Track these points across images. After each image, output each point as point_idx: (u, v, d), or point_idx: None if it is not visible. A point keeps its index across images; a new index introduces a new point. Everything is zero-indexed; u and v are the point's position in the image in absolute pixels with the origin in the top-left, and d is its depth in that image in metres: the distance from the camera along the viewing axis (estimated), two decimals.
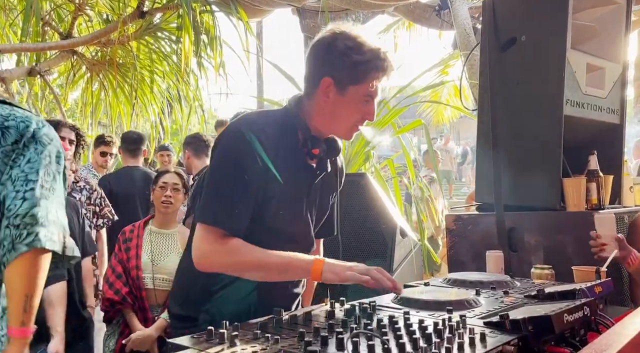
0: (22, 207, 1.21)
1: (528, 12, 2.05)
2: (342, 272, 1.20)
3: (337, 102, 1.30)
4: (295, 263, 1.24)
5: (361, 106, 1.30)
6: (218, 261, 1.24)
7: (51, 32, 4.40)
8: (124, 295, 2.20)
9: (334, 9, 4.23)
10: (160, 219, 2.41)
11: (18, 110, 1.32)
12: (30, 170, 1.25)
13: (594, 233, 1.68)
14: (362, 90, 1.28)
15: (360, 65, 1.26)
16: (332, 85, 1.29)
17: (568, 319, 0.98)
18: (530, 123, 2.01)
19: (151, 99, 4.81)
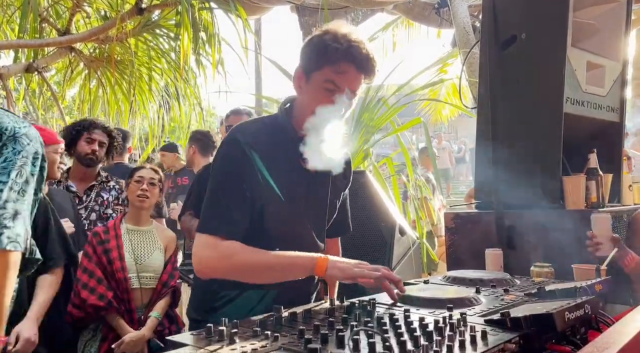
0: None
1: (528, 10, 2.04)
2: (348, 268, 1.20)
3: (306, 92, 1.30)
4: (298, 261, 1.23)
5: (324, 95, 1.26)
6: (218, 266, 1.23)
7: (49, 29, 4.37)
8: (110, 299, 2.09)
9: (333, 6, 4.22)
10: (135, 215, 2.30)
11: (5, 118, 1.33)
12: (2, 171, 1.26)
13: (590, 233, 1.68)
14: (322, 75, 1.25)
15: (317, 48, 1.25)
16: (302, 75, 1.30)
17: (569, 317, 0.98)
18: (530, 121, 2.00)
19: (149, 96, 4.80)
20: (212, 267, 1.24)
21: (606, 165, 2.00)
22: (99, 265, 2.15)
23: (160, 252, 2.28)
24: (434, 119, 8.66)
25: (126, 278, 2.16)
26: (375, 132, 3.50)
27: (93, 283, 2.11)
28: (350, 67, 1.25)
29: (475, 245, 1.99)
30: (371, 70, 1.27)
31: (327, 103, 1.26)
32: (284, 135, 1.33)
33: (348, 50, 1.23)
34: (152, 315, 2.16)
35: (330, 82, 1.25)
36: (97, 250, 2.17)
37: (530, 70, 2.01)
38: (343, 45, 1.23)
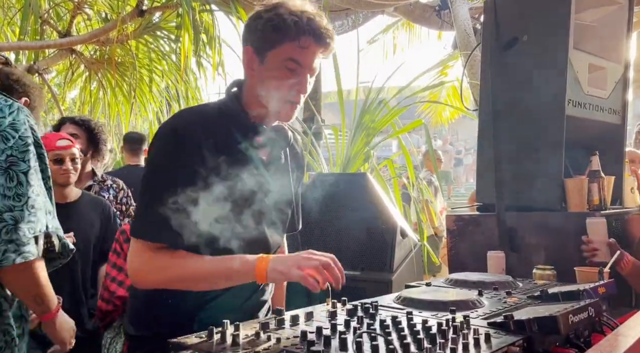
0: None
1: (530, 12, 2.04)
2: (288, 270, 1.05)
3: (261, 73, 1.17)
4: (237, 267, 1.10)
5: (286, 74, 1.15)
6: (153, 277, 1.13)
7: (50, 31, 4.38)
8: None
9: (334, 8, 4.22)
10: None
11: None
12: None
13: (586, 238, 1.68)
14: (281, 53, 1.14)
15: (273, 23, 1.13)
16: (253, 55, 1.17)
17: (573, 320, 0.97)
18: (531, 123, 2.00)
19: (150, 98, 4.80)
20: (149, 278, 1.14)
21: (608, 168, 2.00)
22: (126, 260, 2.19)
23: None
24: (435, 121, 8.67)
25: None
26: (376, 134, 3.50)
27: (122, 277, 2.13)
28: (311, 42, 1.14)
29: (478, 248, 1.98)
30: (330, 43, 1.17)
31: (290, 83, 1.15)
32: (234, 121, 1.19)
33: (308, 23, 1.13)
34: None
35: (292, 61, 1.15)
36: (124, 247, 2.19)
37: (531, 72, 2.01)
38: (302, 18, 1.13)
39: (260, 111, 1.20)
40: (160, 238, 1.11)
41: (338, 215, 2.38)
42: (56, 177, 2.20)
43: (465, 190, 13.00)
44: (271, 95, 1.16)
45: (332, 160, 3.53)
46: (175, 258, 1.12)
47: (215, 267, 1.12)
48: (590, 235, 1.68)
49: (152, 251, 1.12)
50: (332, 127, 3.78)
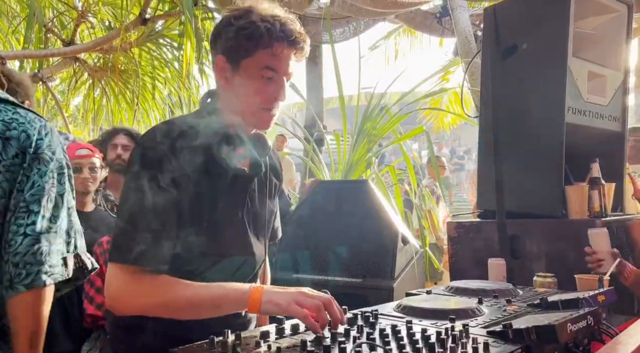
0: (23, 244, 1.15)
1: (529, 20, 2.06)
2: (287, 305, 0.98)
3: (235, 83, 1.12)
4: (230, 295, 1.03)
5: (262, 83, 1.11)
6: (135, 303, 1.05)
7: (54, 39, 4.42)
8: None
9: (336, 16, 4.25)
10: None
11: (21, 113, 1.24)
12: (32, 199, 1.18)
13: (589, 250, 1.67)
14: (255, 62, 1.10)
15: (245, 31, 1.09)
16: (225, 63, 1.12)
17: (572, 329, 0.97)
18: (532, 130, 2.01)
19: (152, 105, 4.84)
20: (131, 304, 1.06)
21: (609, 175, 2.00)
22: (100, 275, 2.15)
23: None
24: (436, 127, 8.68)
25: None
26: (378, 140, 3.51)
27: (92, 293, 2.10)
28: (284, 48, 1.11)
29: (479, 255, 1.98)
30: (304, 47, 1.14)
31: (268, 92, 1.13)
32: (212, 132, 1.13)
33: (282, 29, 1.10)
34: None
35: (267, 69, 1.11)
36: (99, 260, 2.17)
37: (531, 80, 2.02)
38: (274, 24, 1.09)
39: (237, 120, 1.16)
40: (141, 262, 1.03)
41: (339, 222, 2.38)
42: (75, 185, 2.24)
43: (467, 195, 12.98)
44: (249, 104, 1.13)
45: (334, 167, 3.55)
46: (158, 282, 1.05)
47: (201, 294, 1.04)
48: (592, 246, 1.67)
49: (133, 275, 1.04)
50: (334, 133, 3.80)
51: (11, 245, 1.14)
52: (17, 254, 1.14)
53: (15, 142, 1.18)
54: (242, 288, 1.04)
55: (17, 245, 1.15)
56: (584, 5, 2.00)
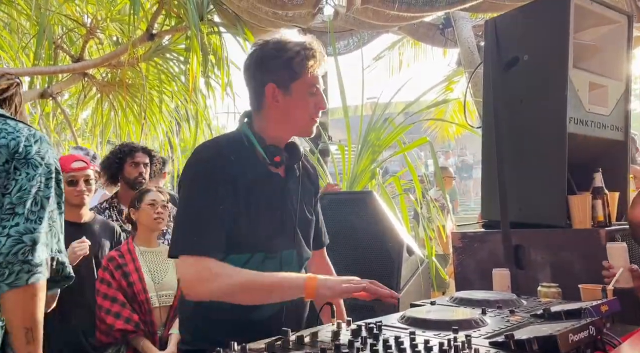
0: (6, 245, 1.21)
1: (529, 32, 2.08)
2: (336, 286, 1.21)
3: (287, 103, 1.34)
4: (287, 281, 1.24)
5: (310, 98, 1.35)
6: (207, 288, 1.22)
7: (63, 55, 4.50)
8: (137, 322, 2.12)
9: (339, 29, 4.30)
10: (147, 237, 2.34)
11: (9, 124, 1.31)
12: (18, 201, 1.25)
13: (606, 264, 1.67)
14: (304, 83, 1.33)
15: (292, 60, 1.31)
16: (276, 89, 1.34)
17: (573, 339, 0.99)
18: (534, 141, 2.02)
19: (160, 118, 4.89)
20: (204, 290, 1.23)
21: (612, 184, 2.01)
22: (119, 289, 2.18)
23: (175, 270, 2.31)
24: (441, 137, 8.70)
25: (148, 299, 2.19)
26: (382, 151, 3.54)
27: (117, 308, 2.13)
28: (319, 66, 1.35)
29: (483, 265, 1.99)
30: (326, 61, 1.38)
31: (316, 104, 1.36)
32: (250, 147, 1.35)
33: (314, 53, 1.33)
34: (174, 332, 2.17)
35: (313, 86, 1.35)
36: (116, 275, 2.19)
37: (533, 91, 2.04)
38: (310, 50, 1.33)
39: (280, 134, 1.38)
40: (205, 251, 1.23)
41: (344, 232, 2.40)
42: (70, 197, 2.25)
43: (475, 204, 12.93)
44: (301, 118, 1.36)
45: (339, 177, 3.57)
46: (230, 268, 1.23)
47: (267, 278, 1.23)
48: (610, 260, 1.66)
49: (203, 264, 1.22)
50: (339, 145, 3.83)
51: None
52: (0, 254, 1.20)
53: (5, 149, 1.26)
54: (297, 276, 1.25)
55: (1, 245, 1.21)
56: (584, 16, 2.02)
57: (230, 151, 1.33)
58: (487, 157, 2.18)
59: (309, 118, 1.37)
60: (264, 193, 1.34)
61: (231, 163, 1.30)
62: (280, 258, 1.35)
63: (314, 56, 1.33)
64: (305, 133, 1.41)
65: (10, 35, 4.45)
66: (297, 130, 1.40)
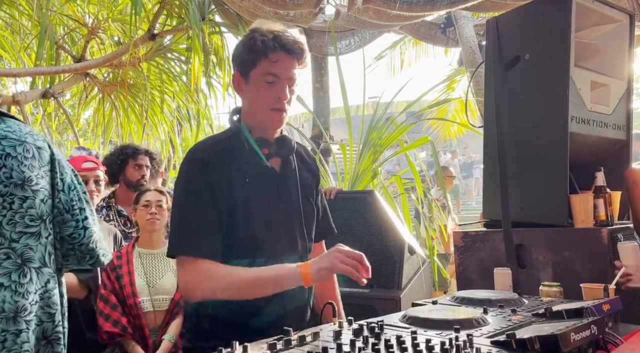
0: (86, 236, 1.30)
1: (531, 31, 2.08)
2: (331, 265, 1.20)
3: (248, 92, 1.35)
4: (284, 273, 1.23)
5: (266, 87, 1.31)
6: (207, 288, 1.23)
7: (64, 55, 4.51)
8: (125, 325, 2.12)
9: (340, 28, 4.30)
10: (147, 239, 2.32)
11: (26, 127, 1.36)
12: (76, 197, 1.31)
13: (618, 263, 1.66)
14: (260, 70, 1.31)
15: (251, 47, 1.30)
16: (240, 78, 1.34)
17: (575, 338, 0.98)
18: (536, 140, 2.02)
19: (161, 118, 4.90)
20: (204, 290, 1.24)
21: (614, 183, 2.01)
22: (113, 291, 2.18)
23: (173, 273, 2.30)
24: (443, 136, 8.69)
25: (137, 303, 2.17)
26: (384, 150, 3.53)
27: (108, 310, 2.14)
28: (281, 55, 1.30)
29: (485, 264, 1.99)
30: (301, 53, 1.33)
31: (272, 94, 1.32)
32: (241, 142, 1.35)
33: (275, 39, 1.30)
34: (166, 338, 2.17)
35: (269, 75, 1.31)
36: (111, 277, 2.20)
37: (534, 90, 2.04)
38: (269, 36, 1.30)
39: (258, 126, 1.36)
40: (202, 252, 1.24)
41: (346, 232, 2.40)
42: None
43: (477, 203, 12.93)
44: (260, 107, 1.34)
45: (341, 177, 3.57)
46: (227, 267, 1.24)
47: (265, 272, 1.24)
48: (622, 260, 1.65)
49: (201, 265, 1.23)
50: (340, 144, 3.83)
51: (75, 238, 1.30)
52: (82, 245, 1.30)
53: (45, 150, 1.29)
54: (290, 266, 1.23)
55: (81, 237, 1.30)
56: (585, 15, 2.02)
57: (222, 149, 1.33)
58: (488, 156, 2.18)
59: (267, 108, 1.33)
60: (260, 190, 1.34)
61: (224, 161, 1.30)
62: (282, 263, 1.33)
63: (274, 45, 1.29)
64: (269, 125, 1.36)
65: (12, 36, 4.46)
66: (261, 122, 1.36)
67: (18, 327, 1.14)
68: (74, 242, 1.29)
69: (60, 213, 1.27)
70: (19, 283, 1.16)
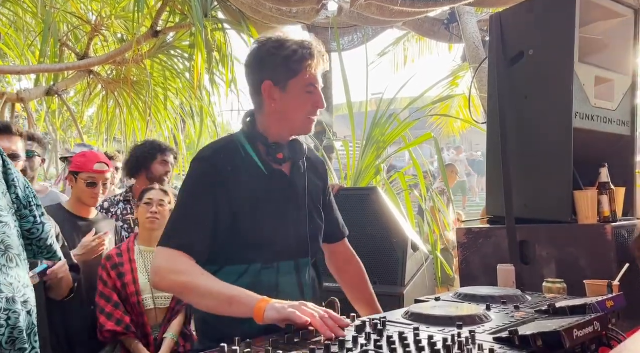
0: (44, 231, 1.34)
1: (535, 27, 2.07)
2: (283, 309, 1.09)
3: (284, 101, 1.35)
4: (241, 298, 1.17)
5: (307, 97, 1.36)
6: (168, 279, 1.24)
7: (68, 53, 4.52)
8: (128, 324, 2.12)
9: (343, 25, 4.29)
10: (147, 237, 2.31)
11: None
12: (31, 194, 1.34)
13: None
14: (301, 81, 1.34)
15: (290, 58, 1.32)
16: (273, 87, 1.35)
17: (578, 335, 0.98)
18: (540, 136, 2.01)
19: (165, 115, 4.91)
20: (165, 279, 1.24)
21: (618, 179, 2.00)
22: (114, 289, 2.18)
23: None
24: (446, 132, 8.66)
25: (140, 302, 2.17)
26: (387, 147, 3.53)
27: (110, 309, 2.13)
28: (319, 66, 1.36)
29: (488, 261, 1.99)
30: (327, 60, 1.40)
31: (314, 103, 1.36)
32: (253, 146, 1.37)
33: (312, 52, 1.34)
34: (168, 336, 2.16)
35: (310, 85, 1.35)
36: (112, 275, 2.19)
37: (538, 86, 2.03)
38: (308, 49, 1.34)
39: (280, 132, 1.39)
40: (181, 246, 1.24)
41: (349, 229, 2.40)
42: (87, 198, 2.31)
43: (481, 200, 12.90)
44: (299, 116, 1.37)
45: (344, 174, 3.57)
46: (197, 269, 1.23)
47: (225, 289, 1.20)
48: None
49: (176, 257, 1.24)
50: (344, 141, 3.82)
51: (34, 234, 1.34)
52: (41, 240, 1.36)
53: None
54: (254, 296, 1.16)
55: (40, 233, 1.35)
56: (590, 10, 2.00)
57: (231, 152, 1.35)
58: (492, 152, 2.17)
59: (306, 116, 1.37)
60: (268, 194, 1.35)
61: (231, 164, 1.32)
62: (277, 269, 1.34)
63: (312, 55, 1.34)
64: (303, 131, 1.41)
65: (16, 33, 4.47)
66: (295, 129, 1.40)
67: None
68: (32, 237, 1.33)
69: (18, 208, 1.30)
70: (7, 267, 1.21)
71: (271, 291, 1.24)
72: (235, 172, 1.32)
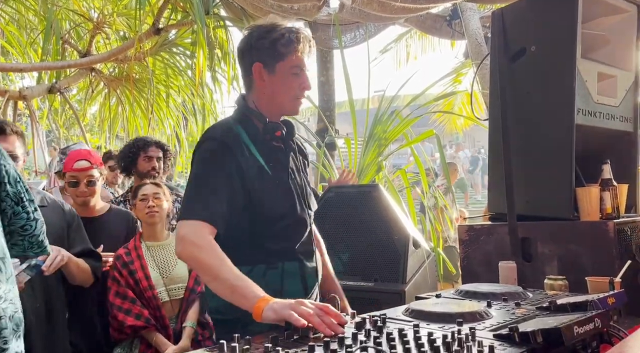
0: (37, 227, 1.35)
1: (537, 22, 2.05)
2: (281, 309, 1.10)
3: (272, 82, 1.43)
4: (243, 291, 1.19)
5: (293, 78, 1.44)
6: (188, 250, 1.28)
7: (70, 50, 4.53)
8: (148, 317, 2.14)
9: (345, 22, 4.28)
10: (151, 232, 2.31)
11: None
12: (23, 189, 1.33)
13: None
14: (288, 63, 1.42)
15: (277, 41, 1.41)
16: (262, 68, 1.43)
17: (578, 331, 0.98)
18: (542, 132, 2.00)
19: (167, 112, 4.92)
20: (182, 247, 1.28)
21: (620, 175, 1.99)
22: (128, 286, 2.19)
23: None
24: (449, 129, 8.64)
25: (155, 296, 2.19)
26: (389, 144, 3.52)
27: (127, 305, 2.15)
28: (305, 49, 1.45)
29: (490, 258, 1.98)
30: (313, 46, 1.49)
31: (300, 85, 1.45)
32: (252, 124, 1.45)
33: (301, 35, 1.44)
34: (187, 325, 2.19)
35: (296, 67, 1.43)
36: (123, 273, 2.20)
37: (540, 82, 2.02)
38: (296, 32, 1.44)
39: (271, 111, 1.46)
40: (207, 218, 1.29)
41: (351, 226, 2.40)
42: (73, 198, 2.32)
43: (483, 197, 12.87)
44: (287, 96, 1.45)
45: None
46: (213, 247, 1.26)
47: (232, 276, 1.23)
48: None
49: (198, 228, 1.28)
50: (345, 138, 3.82)
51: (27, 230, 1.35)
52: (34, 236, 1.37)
53: None
54: (255, 292, 1.19)
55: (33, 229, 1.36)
56: (592, 6, 1.99)
57: (236, 128, 1.42)
58: (494, 149, 2.16)
59: (293, 97, 1.46)
60: (274, 165, 1.43)
61: (238, 141, 1.39)
62: (282, 270, 1.38)
63: (299, 39, 1.42)
64: (291, 112, 1.50)
65: (19, 31, 4.48)
66: (284, 109, 1.48)
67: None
68: (25, 234, 1.33)
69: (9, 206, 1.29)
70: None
71: None
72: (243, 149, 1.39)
